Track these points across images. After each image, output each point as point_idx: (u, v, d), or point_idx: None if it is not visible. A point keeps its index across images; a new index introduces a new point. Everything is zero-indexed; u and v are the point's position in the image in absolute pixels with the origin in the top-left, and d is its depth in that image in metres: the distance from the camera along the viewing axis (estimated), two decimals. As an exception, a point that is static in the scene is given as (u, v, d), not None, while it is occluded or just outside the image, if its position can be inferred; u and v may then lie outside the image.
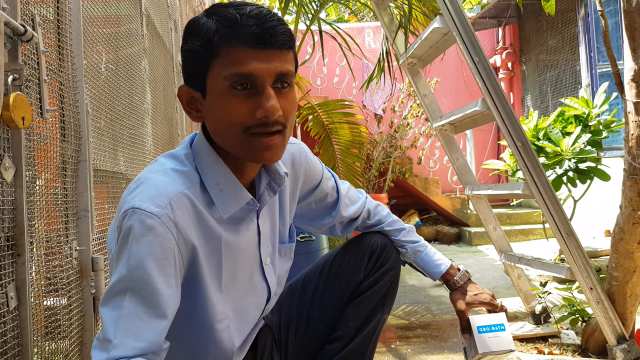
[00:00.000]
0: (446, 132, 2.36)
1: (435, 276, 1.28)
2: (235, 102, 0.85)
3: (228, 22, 0.83)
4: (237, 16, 0.83)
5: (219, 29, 0.83)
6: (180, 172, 0.91)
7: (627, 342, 1.72)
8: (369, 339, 1.20)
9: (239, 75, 0.83)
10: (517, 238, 5.25)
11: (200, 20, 0.87)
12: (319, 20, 3.36)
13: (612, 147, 4.51)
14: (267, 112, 0.84)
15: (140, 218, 0.82)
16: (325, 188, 1.22)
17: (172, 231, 0.84)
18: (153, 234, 0.82)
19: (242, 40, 0.83)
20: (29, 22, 1.10)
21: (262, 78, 0.84)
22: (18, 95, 0.96)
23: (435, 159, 6.96)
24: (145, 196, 0.84)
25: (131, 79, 1.91)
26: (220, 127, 0.88)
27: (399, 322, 2.70)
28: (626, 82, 1.61)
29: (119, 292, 0.81)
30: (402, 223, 1.32)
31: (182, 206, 0.87)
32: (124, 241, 0.83)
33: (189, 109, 0.92)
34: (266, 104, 0.84)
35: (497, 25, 6.78)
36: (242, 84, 0.84)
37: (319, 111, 4.73)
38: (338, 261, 1.25)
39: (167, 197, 0.85)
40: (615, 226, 1.71)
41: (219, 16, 0.84)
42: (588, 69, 5.07)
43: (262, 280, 1.05)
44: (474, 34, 1.93)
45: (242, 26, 0.82)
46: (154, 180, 0.88)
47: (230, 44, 0.83)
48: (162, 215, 0.83)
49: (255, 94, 0.85)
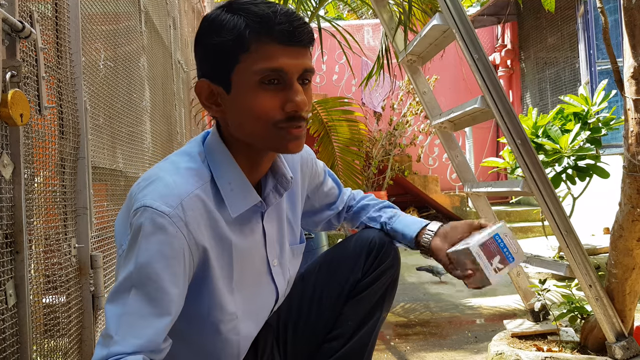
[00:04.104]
0: (445, 130, 2.36)
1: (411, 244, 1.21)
2: (264, 96, 0.87)
3: (260, 18, 0.85)
4: (269, 13, 0.85)
5: (250, 24, 0.85)
6: (191, 169, 0.92)
7: (626, 339, 1.72)
8: (368, 337, 1.19)
9: (270, 70, 0.85)
10: (517, 235, 5.24)
11: (223, 16, 0.88)
12: (318, 17, 3.36)
13: (611, 145, 4.51)
14: (298, 107, 0.87)
15: (151, 217, 0.83)
16: (325, 189, 1.26)
17: (183, 231, 0.85)
18: (163, 233, 0.83)
19: (274, 37, 0.85)
20: (27, 19, 1.09)
21: (291, 74, 0.87)
22: (16, 92, 0.96)
23: (434, 156, 6.97)
24: (157, 195, 0.85)
25: (130, 77, 1.90)
26: (247, 121, 0.89)
27: (397, 320, 2.70)
28: (626, 79, 1.60)
29: (125, 290, 0.82)
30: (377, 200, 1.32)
31: (194, 207, 0.87)
32: (134, 239, 0.84)
33: (209, 103, 0.93)
34: (296, 98, 0.87)
35: (496, 22, 6.78)
36: (272, 79, 0.86)
37: (318, 109, 4.73)
38: (336, 259, 1.25)
39: (178, 197, 0.86)
40: (614, 223, 1.71)
41: (249, 12, 0.86)
42: (587, 66, 5.07)
43: (270, 281, 1.05)
44: (474, 31, 1.92)
45: (275, 23, 0.85)
46: (165, 179, 0.88)
47: (262, 39, 0.85)
48: (173, 215, 0.84)
49: (283, 89, 0.87)
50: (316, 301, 1.22)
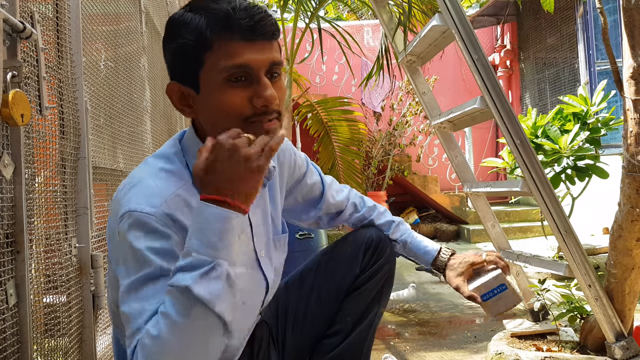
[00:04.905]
0: (445, 130, 2.36)
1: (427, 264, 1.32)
2: (232, 93, 0.86)
3: (220, 16, 0.84)
4: (228, 10, 0.84)
5: (211, 23, 0.84)
6: (170, 171, 0.91)
7: (625, 339, 1.72)
8: (366, 332, 1.21)
9: (236, 66, 0.85)
10: (516, 235, 5.26)
11: (185, 16, 0.87)
12: (317, 18, 3.36)
13: (610, 145, 4.51)
14: (267, 101, 0.86)
15: (137, 220, 0.83)
16: (309, 181, 1.26)
17: (172, 227, 0.85)
18: (153, 233, 0.83)
19: (235, 33, 0.84)
20: (28, 19, 1.09)
21: (258, 68, 0.86)
22: (17, 93, 0.96)
23: (434, 156, 6.97)
24: (140, 198, 0.85)
25: (130, 77, 1.90)
26: (218, 119, 0.88)
27: (397, 319, 2.70)
28: (625, 80, 1.61)
29: (134, 290, 0.81)
30: (390, 214, 1.35)
31: (177, 205, 0.87)
32: (125, 246, 0.83)
33: (181, 105, 0.92)
34: (264, 93, 0.86)
35: (495, 23, 6.79)
36: (238, 76, 0.86)
37: (318, 109, 4.73)
38: (334, 256, 1.26)
39: (161, 197, 0.86)
40: (613, 223, 1.71)
41: (208, 11, 0.86)
42: (587, 66, 5.07)
43: (259, 272, 1.05)
44: (473, 32, 1.92)
45: (235, 19, 0.84)
46: (146, 183, 0.88)
47: (224, 37, 0.84)
48: (158, 214, 0.84)
49: (250, 84, 0.87)
50: (315, 297, 1.23)
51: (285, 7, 3.19)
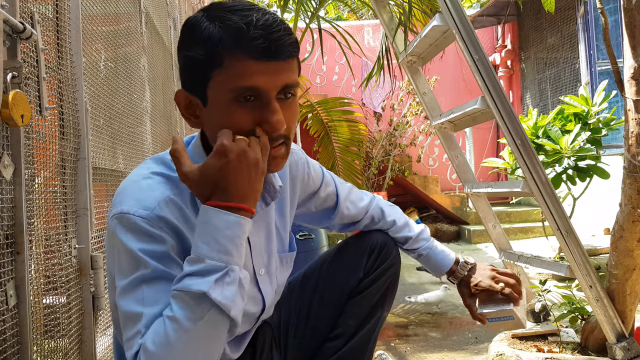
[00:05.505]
0: (445, 130, 2.36)
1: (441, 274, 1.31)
2: (239, 113, 0.82)
3: (233, 31, 0.79)
4: (242, 26, 0.79)
5: (223, 39, 0.79)
6: (167, 177, 0.89)
7: (626, 340, 1.72)
8: (369, 336, 1.20)
9: (244, 88, 0.80)
10: (517, 236, 5.26)
11: (201, 23, 0.82)
12: (318, 18, 3.36)
13: (611, 145, 4.51)
14: (273, 128, 0.82)
15: (130, 223, 0.82)
16: (323, 194, 1.21)
17: (166, 229, 0.83)
18: (146, 236, 0.82)
19: (248, 53, 0.79)
20: (27, 20, 1.09)
21: (268, 91, 0.81)
22: (17, 93, 0.96)
23: (434, 157, 6.97)
24: (133, 201, 0.83)
25: (130, 77, 1.90)
26: None
27: (398, 321, 2.70)
28: (626, 80, 1.60)
29: (130, 291, 0.81)
30: (411, 228, 1.30)
31: (171, 209, 0.85)
32: (118, 247, 0.83)
33: (187, 114, 0.89)
34: (272, 119, 0.82)
35: (496, 23, 6.78)
36: (247, 95, 0.81)
37: (318, 109, 4.73)
38: (338, 259, 1.25)
39: (154, 199, 0.84)
40: (614, 224, 1.71)
41: (223, 23, 0.80)
42: (587, 66, 5.07)
43: (256, 291, 1.03)
44: (474, 32, 1.92)
45: (248, 38, 0.78)
46: (139, 185, 0.87)
47: (235, 55, 0.79)
48: (151, 216, 0.82)
49: (259, 105, 0.82)
50: (317, 300, 1.22)
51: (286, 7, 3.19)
